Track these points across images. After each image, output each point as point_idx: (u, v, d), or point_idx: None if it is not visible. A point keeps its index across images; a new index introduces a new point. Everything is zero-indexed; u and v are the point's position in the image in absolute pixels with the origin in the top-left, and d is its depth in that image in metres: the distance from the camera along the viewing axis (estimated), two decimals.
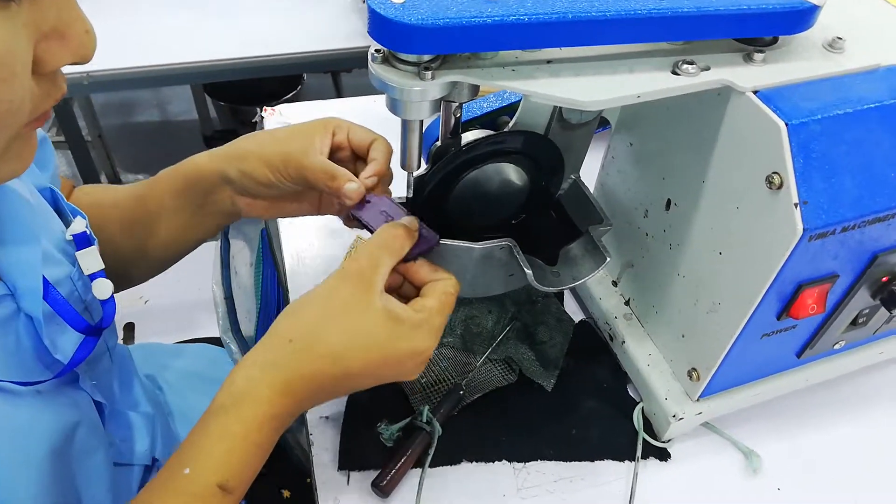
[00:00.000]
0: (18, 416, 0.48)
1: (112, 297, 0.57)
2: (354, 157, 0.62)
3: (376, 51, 0.47)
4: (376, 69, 0.47)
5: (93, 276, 0.56)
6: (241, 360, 0.51)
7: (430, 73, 0.46)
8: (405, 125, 0.52)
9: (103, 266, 0.56)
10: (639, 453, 0.64)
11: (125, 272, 0.70)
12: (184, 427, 0.82)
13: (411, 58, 0.46)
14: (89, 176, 1.83)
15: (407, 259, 0.54)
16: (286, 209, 0.66)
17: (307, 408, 0.52)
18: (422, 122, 0.52)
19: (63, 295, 0.53)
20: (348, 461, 0.63)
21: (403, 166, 0.55)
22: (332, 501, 0.61)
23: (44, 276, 0.50)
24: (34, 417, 0.50)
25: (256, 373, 0.50)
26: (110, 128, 2.08)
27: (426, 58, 0.46)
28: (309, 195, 0.65)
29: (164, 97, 2.37)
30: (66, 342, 0.53)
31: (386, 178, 0.60)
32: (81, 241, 0.56)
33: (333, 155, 0.61)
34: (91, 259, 0.55)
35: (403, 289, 0.57)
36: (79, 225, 0.56)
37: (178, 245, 0.70)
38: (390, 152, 0.60)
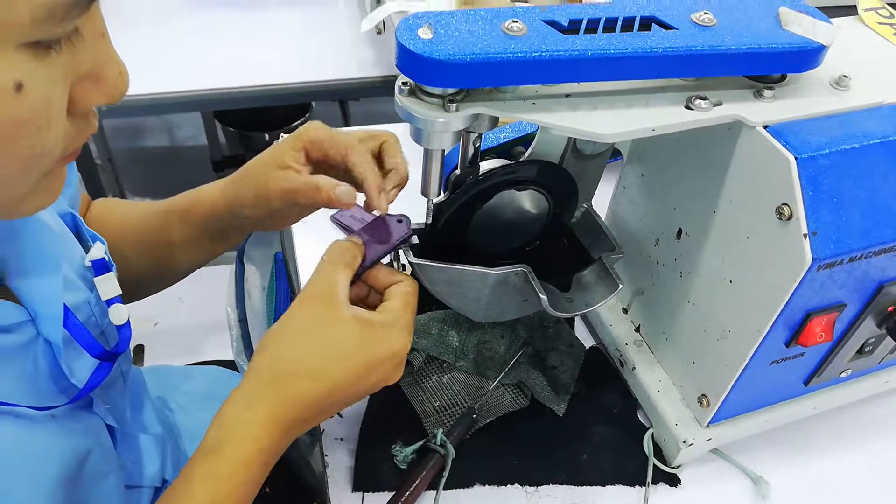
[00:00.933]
0: (33, 441, 0.49)
1: (128, 322, 0.58)
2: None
3: (403, 83, 0.49)
4: (403, 101, 0.49)
5: (109, 302, 0.56)
6: (227, 399, 0.51)
7: (454, 105, 0.48)
8: (427, 154, 0.54)
9: (120, 292, 0.57)
10: (649, 478, 0.65)
11: (136, 287, 0.72)
12: (193, 447, 0.82)
13: (437, 90, 0.48)
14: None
15: (362, 270, 0.56)
16: (300, 216, 0.66)
17: (297, 435, 0.52)
18: (443, 151, 0.54)
19: (81, 320, 0.53)
20: (363, 483, 0.64)
21: (424, 193, 0.57)
22: None
23: (64, 303, 0.51)
24: (48, 442, 0.50)
25: (241, 410, 0.50)
26: (120, 152, 2.11)
27: (451, 91, 0.48)
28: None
29: (173, 122, 2.40)
30: (82, 367, 0.54)
31: (391, 182, 0.58)
32: (100, 266, 0.56)
33: (320, 167, 0.61)
34: (109, 285, 0.56)
35: (369, 299, 0.58)
36: (98, 251, 0.57)
37: (197, 266, 0.73)
38: (370, 161, 0.58)
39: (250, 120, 2.11)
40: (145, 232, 0.71)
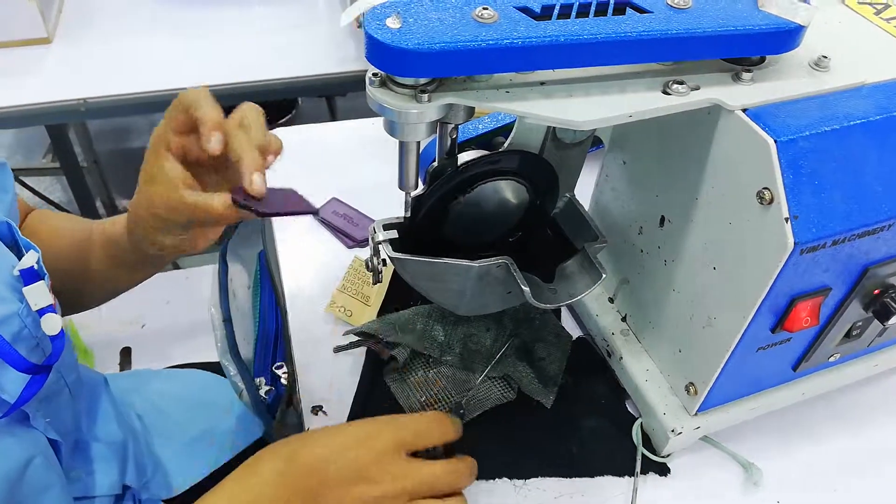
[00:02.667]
0: None
1: (62, 332, 0.56)
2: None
3: (374, 74, 0.48)
4: (374, 92, 0.48)
5: (41, 312, 0.55)
6: None
7: (426, 95, 0.47)
8: (402, 146, 0.53)
9: (52, 301, 0.55)
10: (638, 468, 0.65)
11: (74, 297, 0.72)
12: (163, 445, 0.82)
13: (408, 81, 0.47)
14: (85, 202, 1.83)
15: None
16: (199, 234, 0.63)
17: None
18: (419, 143, 0.53)
19: (13, 332, 0.52)
20: None
21: (401, 186, 0.56)
22: None
23: None
24: None
25: None
26: (106, 154, 2.09)
27: (422, 81, 0.47)
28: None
29: (159, 122, 2.38)
30: (12, 382, 0.52)
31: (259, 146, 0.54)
32: (29, 276, 0.55)
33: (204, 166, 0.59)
34: (38, 295, 0.54)
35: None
36: (29, 260, 0.55)
37: (117, 292, 0.74)
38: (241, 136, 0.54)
39: None
40: (68, 251, 0.69)
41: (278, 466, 0.51)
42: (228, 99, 1.41)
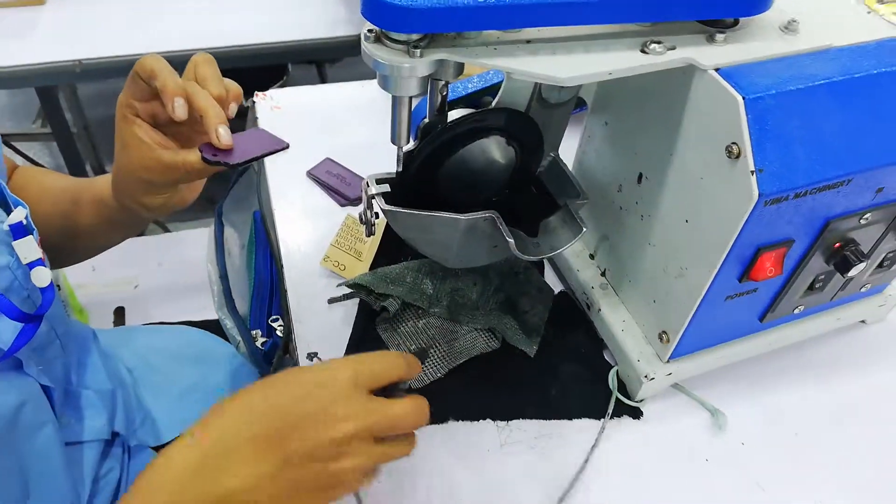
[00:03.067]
0: None
1: (51, 284, 0.59)
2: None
3: (369, 30, 0.51)
4: (368, 47, 0.51)
5: (31, 265, 0.57)
6: None
7: (418, 51, 0.50)
8: (395, 101, 0.56)
9: (41, 255, 0.58)
10: (610, 409, 0.69)
11: (64, 252, 0.76)
12: (151, 394, 0.85)
13: (401, 36, 0.50)
14: (76, 168, 1.84)
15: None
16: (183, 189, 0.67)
17: None
18: (411, 98, 0.56)
19: (5, 284, 0.55)
20: None
21: (394, 141, 0.59)
22: None
23: None
24: None
25: None
26: (96, 119, 2.10)
27: (415, 37, 0.50)
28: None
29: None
30: (5, 330, 0.55)
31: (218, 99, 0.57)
32: (18, 230, 0.57)
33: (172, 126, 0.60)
34: (28, 248, 0.57)
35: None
36: (18, 215, 0.57)
37: (109, 246, 0.78)
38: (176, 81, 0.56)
39: None
40: (57, 210, 0.72)
41: (242, 410, 0.50)
42: (219, 63, 1.43)
